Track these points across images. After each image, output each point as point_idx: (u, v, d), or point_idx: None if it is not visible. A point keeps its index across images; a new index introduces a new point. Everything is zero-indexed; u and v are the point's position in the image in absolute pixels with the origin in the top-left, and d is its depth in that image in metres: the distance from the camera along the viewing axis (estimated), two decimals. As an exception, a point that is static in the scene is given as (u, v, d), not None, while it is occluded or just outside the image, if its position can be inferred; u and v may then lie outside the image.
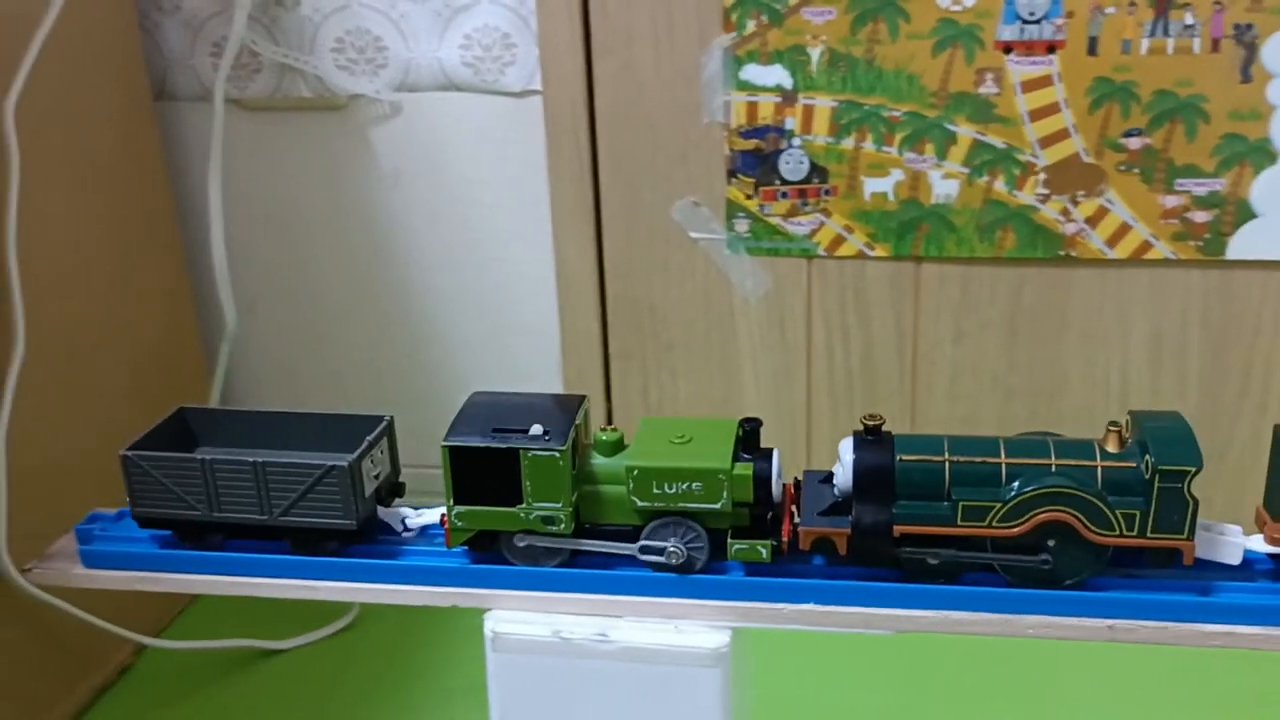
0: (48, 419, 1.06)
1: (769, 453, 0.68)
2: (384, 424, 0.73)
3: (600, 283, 1.29)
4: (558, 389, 1.34)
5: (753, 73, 1.18)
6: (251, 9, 1.23)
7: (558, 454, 0.66)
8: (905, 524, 0.64)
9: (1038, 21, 1.11)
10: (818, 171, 1.20)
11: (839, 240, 1.22)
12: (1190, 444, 0.63)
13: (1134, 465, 0.63)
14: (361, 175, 1.32)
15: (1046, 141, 1.15)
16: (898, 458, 0.65)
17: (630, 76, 1.21)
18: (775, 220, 1.23)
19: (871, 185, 1.19)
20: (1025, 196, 1.17)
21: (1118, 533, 0.63)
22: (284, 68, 1.28)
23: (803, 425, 1.30)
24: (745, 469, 0.66)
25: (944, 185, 1.18)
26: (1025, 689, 1.13)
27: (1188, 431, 0.63)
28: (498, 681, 0.70)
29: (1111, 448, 0.64)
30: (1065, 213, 1.17)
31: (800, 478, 0.70)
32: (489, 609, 0.70)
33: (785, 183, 1.21)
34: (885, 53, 1.15)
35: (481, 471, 0.67)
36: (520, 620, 0.69)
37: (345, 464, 0.68)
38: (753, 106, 1.19)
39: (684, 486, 0.66)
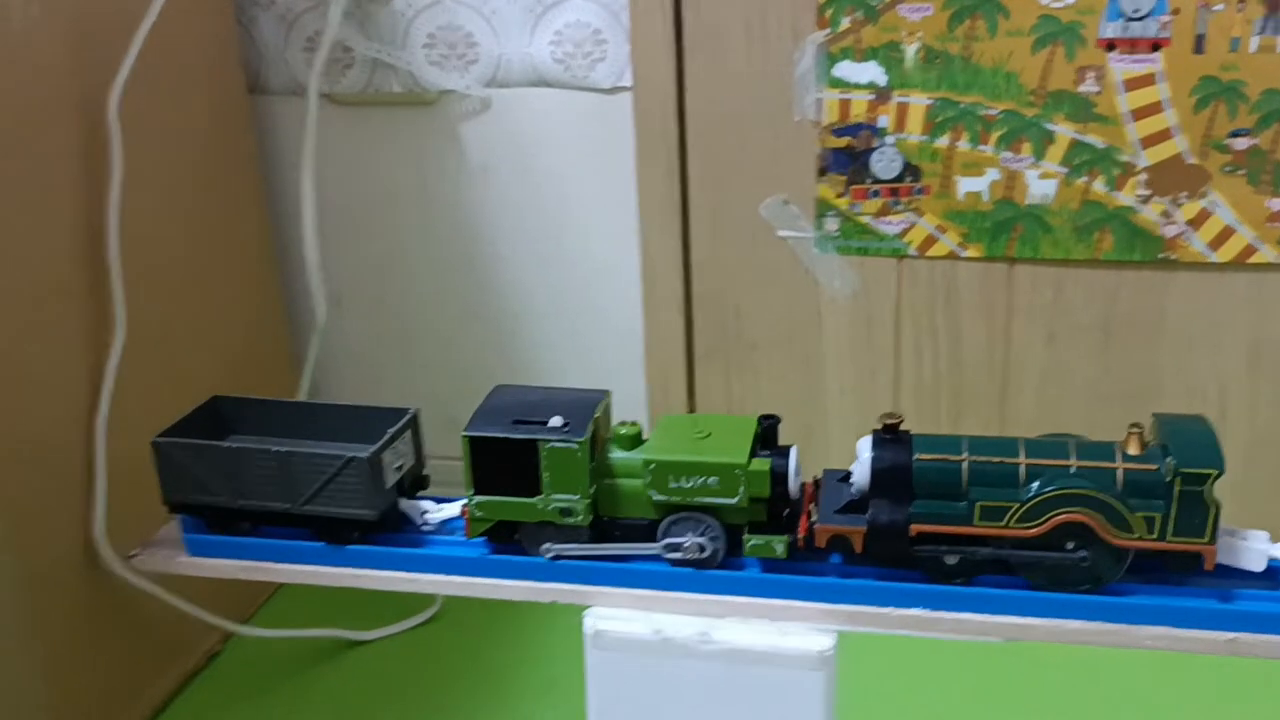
0: (144, 409, 1.07)
1: (787, 449, 0.68)
2: (408, 417, 0.73)
3: (685, 281, 1.28)
4: (640, 387, 1.34)
5: (846, 69, 1.17)
6: (346, 4, 1.24)
7: (576, 446, 0.66)
8: (922, 523, 0.64)
9: (1142, 19, 1.09)
10: (910, 170, 1.19)
11: (931, 240, 1.20)
12: (1213, 447, 0.61)
13: (1155, 468, 0.62)
14: (450, 171, 1.33)
15: (1148, 141, 1.12)
16: (915, 457, 0.64)
17: (721, 73, 1.20)
18: (865, 219, 1.21)
19: (966, 184, 1.17)
20: (1125, 198, 1.14)
21: (1137, 536, 0.62)
22: (376, 63, 1.28)
23: (888, 427, 1.28)
24: (762, 465, 0.66)
25: (1040, 185, 1.16)
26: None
27: (1211, 435, 0.62)
28: (596, 679, 0.69)
29: (1133, 450, 0.63)
30: (1166, 214, 1.14)
31: (819, 475, 0.70)
32: (588, 606, 0.70)
33: (877, 181, 1.20)
34: (983, 49, 1.13)
35: (501, 462, 0.67)
36: (621, 618, 0.68)
37: (365, 456, 0.69)
38: (845, 104, 1.18)
39: (701, 481, 0.66)
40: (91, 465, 1.01)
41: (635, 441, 0.69)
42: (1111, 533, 0.62)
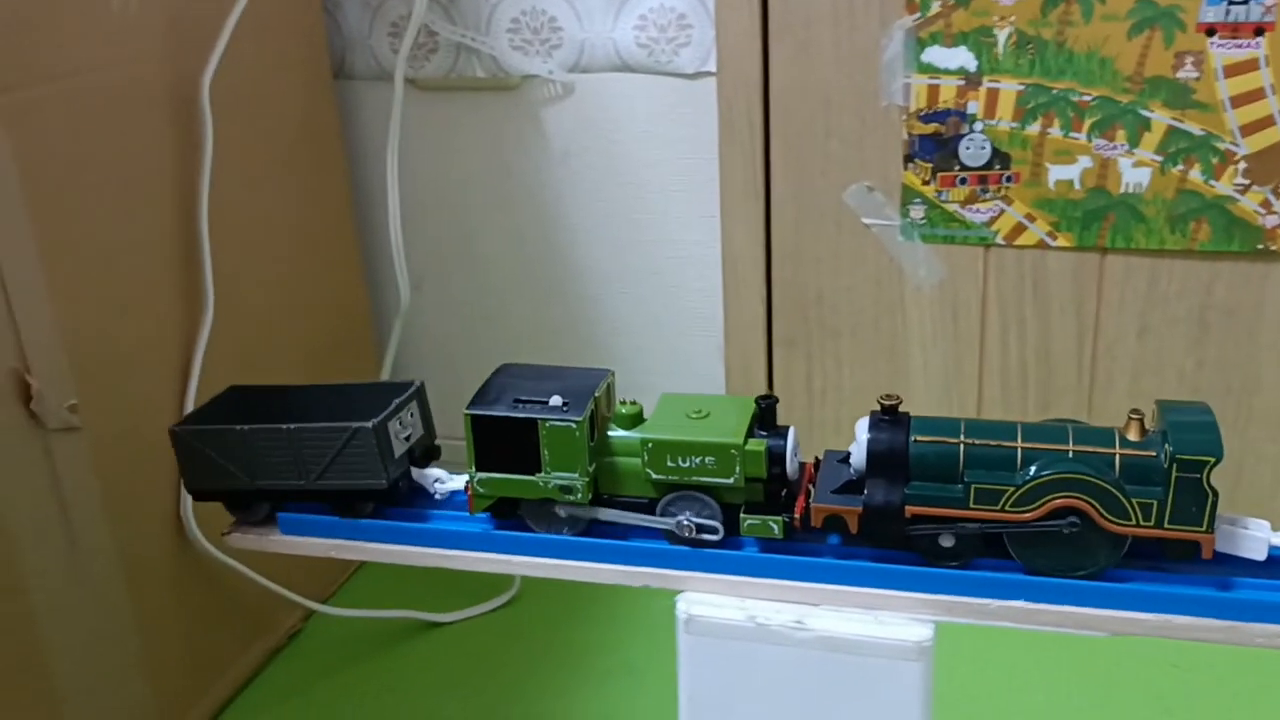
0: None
1: (785, 430, 0.67)
2: (413, 389, 0.74)
3: (767, 268, 1.27)
4: (719, 374, 1.33)
5: (935, 55, 1.15)
6: (432, -11, 1.25)
7: (574, 425, 0.66)
8: (917, 505, 0.64)
9: (1245, 3, 1.06)
10: (1000, 157, 1.16)
11: (1019, 229, 1.18)
12: (1212, 434, 0.60)
13: (1154, 454, 0.61)
14: (531, 156, 1.33)
15: (1249, 129, 1.09)
16: (912, 438, 0.64)
17: (807, 58, 1.18)
18: (953, 207, 1.19)
19: (1057, 172, 1.15)
20: (1223, 186, 1.11)
21: (1134, 522, 0.61)
22: (460, 48, 1.29)
23: (971, 419, 1.26)
24: (758, 445, 0.66)
25: (1134, 173, 1.13)
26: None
27: (1211, 422, 0.61)
28: (689, 665, 0.69)
29: (1133, 436, 0.62)
30: (1266, 204, 1.11)
31: (820, 456, 0.70)
32: (681, 591, 0.69)
33: (965, 168, 1.18)
34: (1077, 34, 1.10)
35: (503, 440, 0.68)
36: (714, 604, 0.68)
37: (370, 425, 0.70)
38: (934, 89, 1.16)
39: (697, 461, 0.66)
40: (182, 443, 1.03)
41: (636, 420, 0.69)
42: (1108, 519, 0.61)
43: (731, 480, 0.66)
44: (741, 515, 0.67)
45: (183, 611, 1.06)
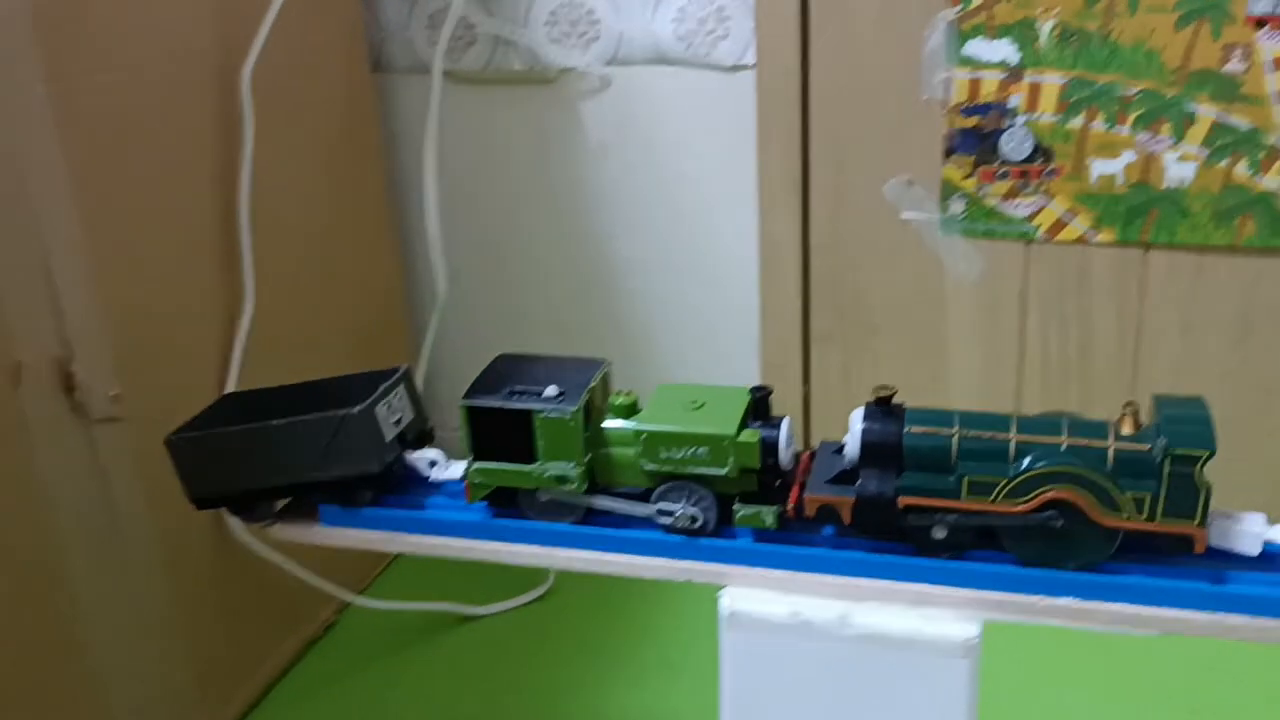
0: (269, 380, 1.09)
1: (778, 421, 0.67)
2: (399, 374, 0.74)
3: (804, 262, 1.27)
4: (755, 368, 1.33)
5: (977, 48, 1.14)
6: (471, -19, 1.25)
7: (569, 415, 0.66)
8: (910, 495, 0.63)
9: (1295, -6, 1.04)
10: (1042, 151, 1.15)
11: (1061, 224, 1.17)
12: (1205, 429, 0.60)
13: (1147, 448, 0.61)
14: (568, 149, 1.32)
15: (1297, 123, 1.08)
16: (906, 429, 0.64)
17: (847, 51, 1.18)
18: (993, 201, 1.18)
19: (1099, 167, 1.14)
20: (1269, 182, 1.10)
21: (1126, 516, 0.61)
22: (497, 40, 1.29)
23: (1010, 415, 1.25)
24: (751, 436, 0.66)
25: (1179, 168, 1.12)
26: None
27: (1205, 416, 0.61)
28: (731, 660, 0.68)
29: (1126, 429, 0.62)
30: (1314, 200, 1.09)
31: (814, 448, 0.70)
32: (724, 585, 0.69)
33: (1006, 163, 1.17)
34: (1122, 27, 1.09)
35: (499, 431, 0.68)
36: (758, 599, 0.67)
37: (356, 411, 0.69)
38: (975, 83, 1.15)
39: (691, 451, 0.66)
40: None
41: (631, 411, 0.69)
42: (1100, 512, 0.61)
43: (725, 471, 0.66)
44: (735, 506, 0.67)
45: (221, 602, 1.07)
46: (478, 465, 0.69)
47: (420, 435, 0.76)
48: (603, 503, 0.70)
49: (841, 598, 0.67)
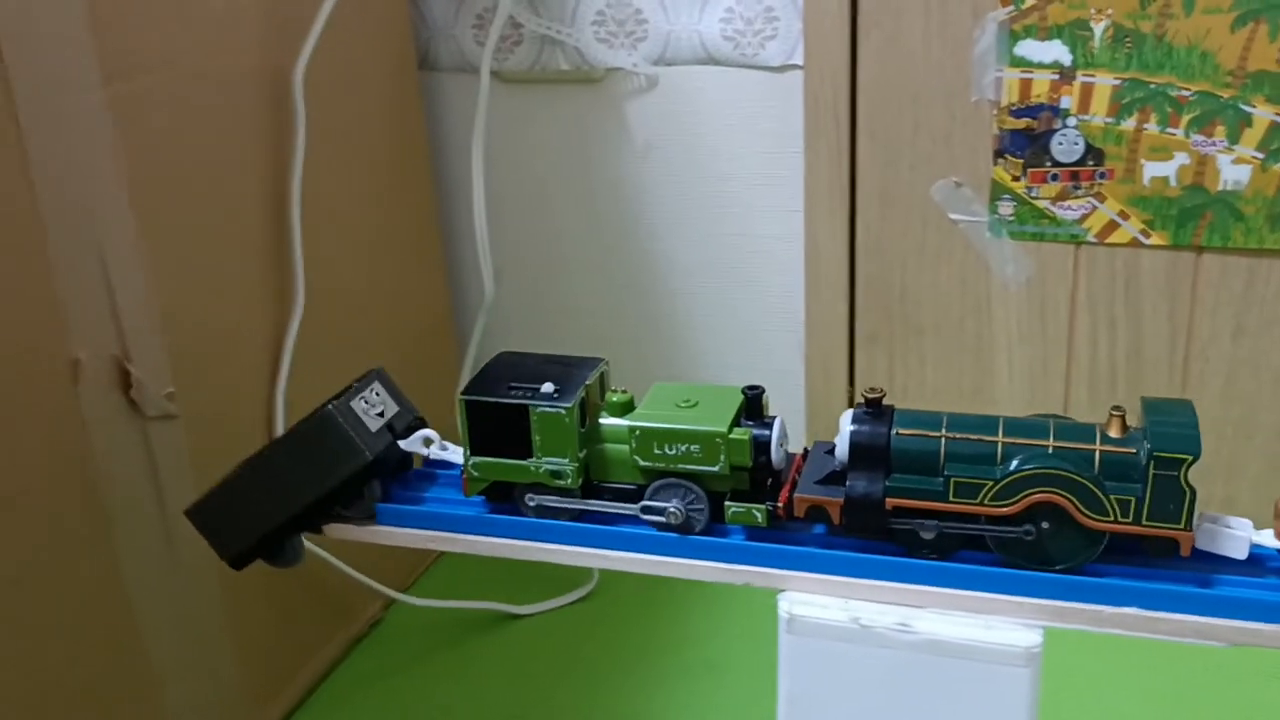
0: (317, 378, 1.09)
1: (771, 420, 0.68)
2: (373, 373, 0.76)
3: (851, 263, 1.26)
4: (799, 369, 1.32)
5: (1029, 48, 1.13)
6: (519, -19, 1.25)
7: (564, 411, 0.68)
8: (897, 497, 0.64)
9: (1355, -5, 1.03)
10: (1093, 153, 1.14)
11: (1112, 226, 1.16)
12: (1191, 433, 0.60)
13: (1133, 451, 0.61)
14: (613, 149, 1.32)
15: (1356, 126, 1.06)
16: (894, 431, 0.64)
17: (896, 51, 1.17)
18: (1043, 203, 1.17)
19: (1152, 169, 1.13)
20: (1326, 185, 1.08)
21: (1112, 518, 0.61)
22: (544, 40, 1.29)
23: (1057, 419, 1.24)
24: (743, 434, 0.67)
25: (1233, 170, 1.10)
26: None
27: (1192, 421, 0.61)
28: (789, 665, 0.68)
29: (1114, 433, 0.62)
30: (1372, 203, 1.08)
31: (809, 446, 0.71)
32: (782, 590, 0.69)
33: (1056, 164, 1.16)
34: (1177, 28, 1.08)
35: (496, 425, 0.69)
36: (817, 604, 0.67)
37: (331, 407, 0.71)
38: (1026, 83, 1.14)
39: (683, 449, 0.67)
40: (271, 433, 1.04)
41: (627, 408, 0.70)
42: (1085, 514, 0.62)
43: (717, 468, 0.67)
44: (726, 503, 0.68)
45: (269, 599, 1.07)
46: (475, 459, 0.71)
47: (410, 427, 0.76)
48: (592, 504, 0.71)
49: (902, 604, 0.67)
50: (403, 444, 0.75)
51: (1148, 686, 1.10)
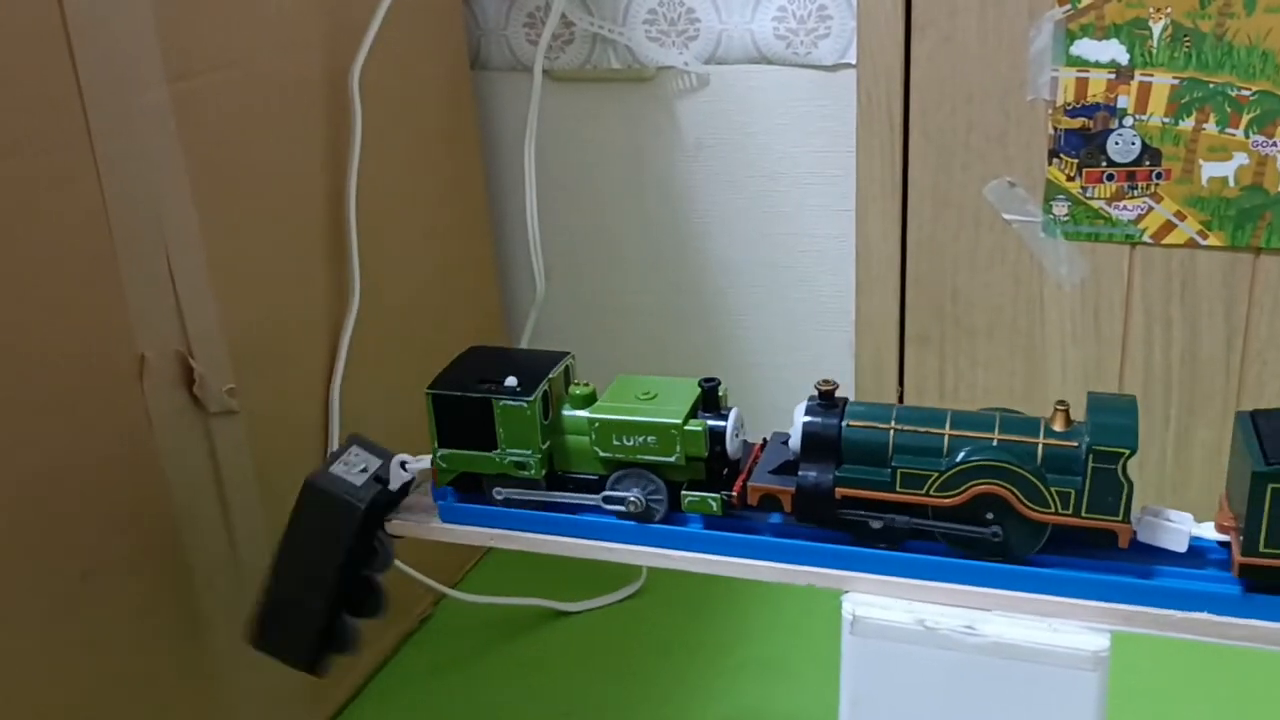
0: (371, 377, 1.10)
1: (727, 411, 0.71)
2: (349, 439, 0.79)
3: (902, 263, 1.26)
4: (849, 369, 1.32)
5: (1085, 47, 1.12)
6: (572, -20, 1.25)
7: (526, 405, 0.70)
8: (847, 487, 0.66)
9: None
10: (1150, 153, 1.13)
11: (1168, 227, 1.15)
12: (1129, 427, 0.62)
13: (1075, 445, 0.63)
14: (664, 148, 1.32)
15: None
16: (845, 423, 0.67)
17: (951, 50, 1.16)
18: (1098, 204, 1.16)
19: (1210, 169, 1.12)
20: (1390, 186, 1.07)
21: (1053, 510, 0.63)
22: (596, 39, 1.29)
23: (1110, 421, 1.23)
24: (698, 425, 0.69)
25: (1294, 171, 1.09)
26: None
27: (1132, 415, 0.63)
28: (853, 666, 0.68)
29: (1058, 427, 0.64)
30: None
31: (766, 438, 0.73)
32: (846, 591, 0.69)
33: (1112, 164, 1.15)
34: (1238, 27, 1.07)
35: (462, 418, 0.72)
36: (881, 605, 0.67)
37: (309, 479, 0.75)
38: (1082, 83, 1.13)
39: (641, 440, 0.70)
40: (327, 430, 1.05)
41: (588, 401, 0.73)
42: (1027, 505, 0.64)
43: (674, 458, 0.70)
44: (683, 492, 0.70)
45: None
46: (443, 452, 0.73)
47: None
48: (556, 496, 0.73)
49: (967, 606, 0.66)
50: (392, 480, 0.76)
51: (1216, 694, 1.09)
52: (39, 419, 0.76)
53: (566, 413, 0.73)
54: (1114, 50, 1.11)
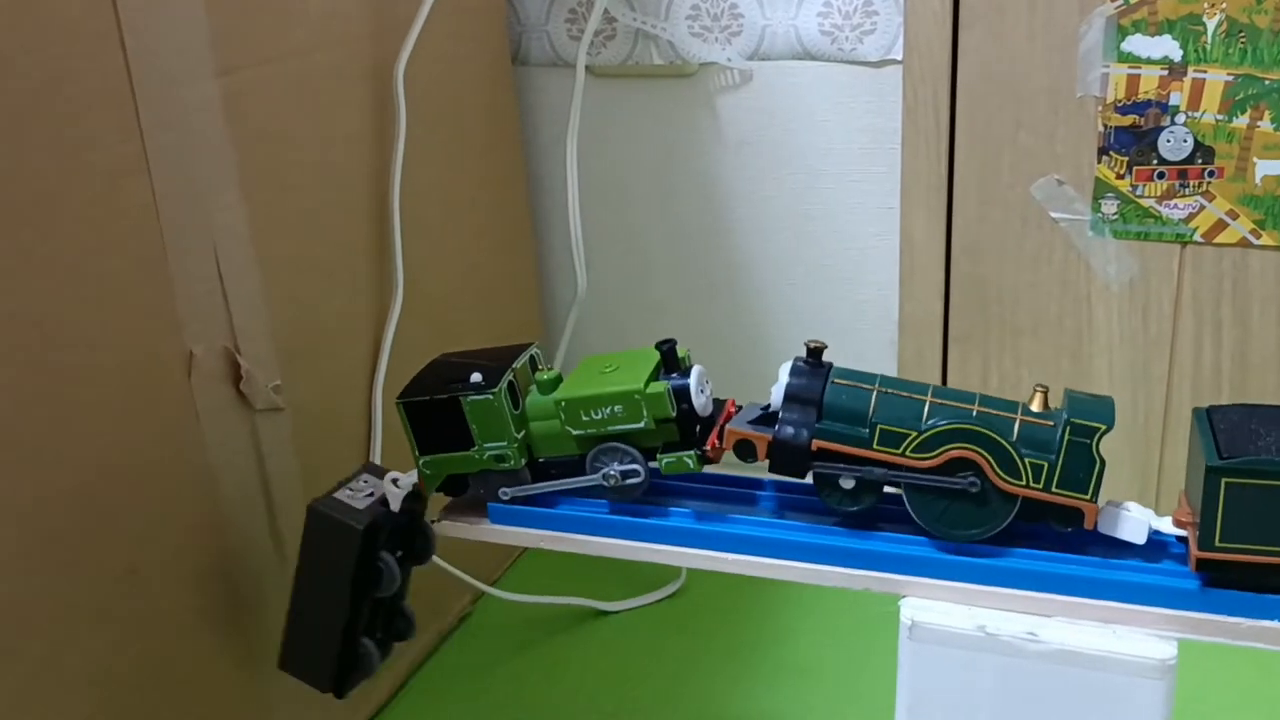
0: (414, 371, 1.10)
1: (688, 369, 0.71)
2: (363, 467, 0.80)
3: (946, 262, 1.24)
4: (891, 368, 1.31)
5: (1137, 44, 1.10)
6: (615, -25, 1.24)
7: (491, 396, 0.70)
8: (824, 439, 0.67)
9: None
10: (1202, 151, 1.11)
11: (1220, 226, 1.13)
12: (1107, 408, 0.65)
13: (1051, 425, 0.65)
14: (704, 144, 1.31)
15: None
16: (830, 381, 0.68)
17: (999, 46, 1.15)
18: (1148, 202, 1.15)
19: (1265, 168, 1.10)
20: None
21: (1024, 483, 0.64)
22: (638, 34, 1.28)
23: (1158, 425, 1.21)
24: (660, 386, 0.69)
25: (1351, 170, 1.07)
26: None
27: (1110, 402, 0.65)
28: (910, 672, 0.67)
29: (1035, 407, 0.66)
30: None
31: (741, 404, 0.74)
32: (902, 595, 0.68)
33: (1163, 162, 1.13)
34: (1295, 23, 1.05)
35: (436, 422, 0.73)
36: (941, 610, 0.66)
37: (314, 504, 0.76)
38: (1134, 79, 1.11)
39: (608, 411, 0.70)
40: (370, 426, 1.04)
41: (555, 385, 0.73)
42: (999, 475, 0.65)
43: (643, 424, 0.70)
44: (659, 455, 0.70)
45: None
46: (425, 458, 0.74)
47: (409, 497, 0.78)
48: (562, 484, 0.73)
49: (1027, 612, 0.65)
50: (391, 501, 0.76)
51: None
52: (88, 414, 0.76)
53: (535, 399, 0.73)
54: (1167, 46, 1.10)
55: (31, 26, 0.70)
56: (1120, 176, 1.15)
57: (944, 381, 1.28)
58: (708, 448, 0.70)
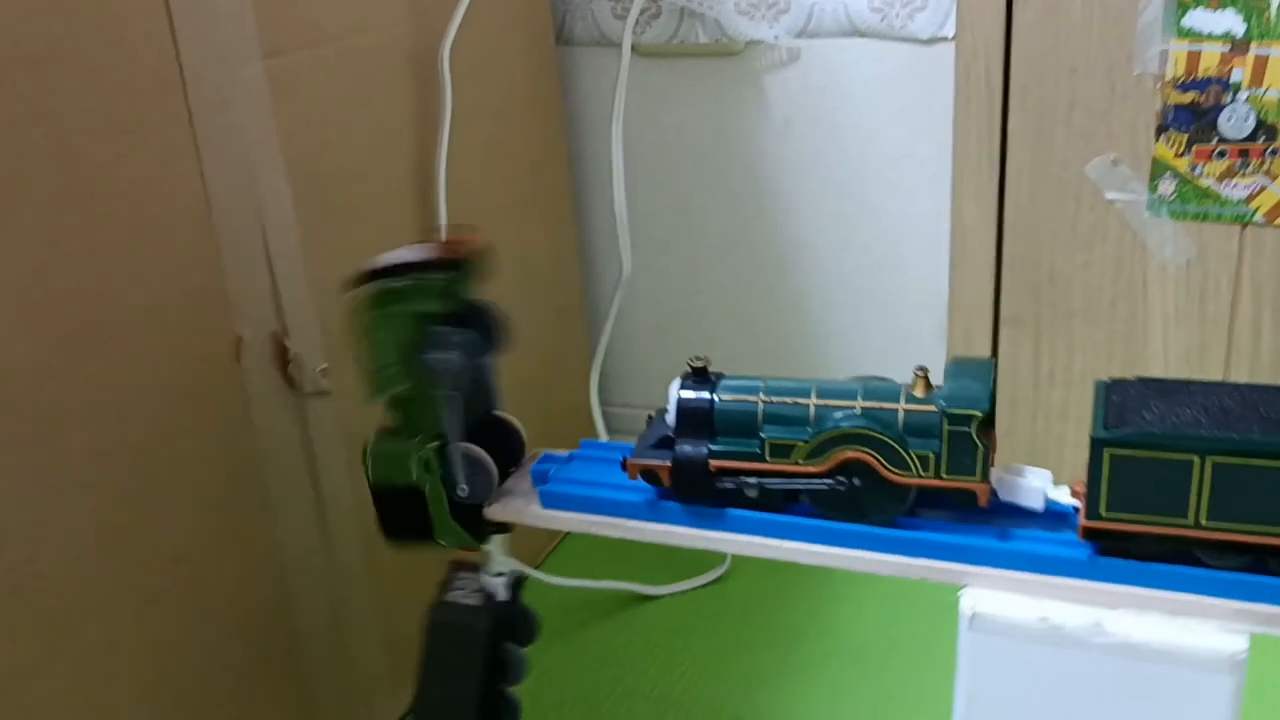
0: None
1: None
2: (452, 571, 0.84)
3: (998, 243, 1.22)
4: (940, 352, 1.29)
5: (1198, 19, 1.07)
6: (662, -47, 1.23)
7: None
8: (720, 459, 0.68)
9: None
10: (1265, 129, 1.09)
11: (1282, 206, 1.10)
12: (982, 390, 0.64)
13: (933, 409, 0.65)
14: (751, 123, 1.30)
15: None
16: (716, 397, 0.68)
17: (1054, 23, 1.12)
18: (1207, 182, 1.12)
19: (1329, 146, 1.07)
20: None
21: (914, 474, 0.65)
22: (684, 13, 1.26)
23: (1214, 407, 1.19)
24: None
25: None
26: None
27: (986, 377, 0.65)
28: (970, 664, 0.66)
29: (918, 392, 0.66)
30: None
31: (653, 414, 0.74)
32: (964, 585, 0.66)
33: (1224, 141, 1.10)
34: (1363, -4, 1.02)
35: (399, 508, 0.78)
36: (1002, 601, 0.65)
37: (431, 614, 0.80)
38: (1194, 56, 1.09)
39: None
40: (416, 409, 1.04)
41: None
42: (890, 470, 0.65)
43: None
44: None
45: (409, 573, 1.07)
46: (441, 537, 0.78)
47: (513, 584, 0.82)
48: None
49: (1091, 604, 0.64)
50: (493, 588, 0.79)
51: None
52: (139, 398, 0.76)
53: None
54: (1229, 21, 1.07)
55: (83, 12, 0.69)
56: (1179, 155, 1.12)
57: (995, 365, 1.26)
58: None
